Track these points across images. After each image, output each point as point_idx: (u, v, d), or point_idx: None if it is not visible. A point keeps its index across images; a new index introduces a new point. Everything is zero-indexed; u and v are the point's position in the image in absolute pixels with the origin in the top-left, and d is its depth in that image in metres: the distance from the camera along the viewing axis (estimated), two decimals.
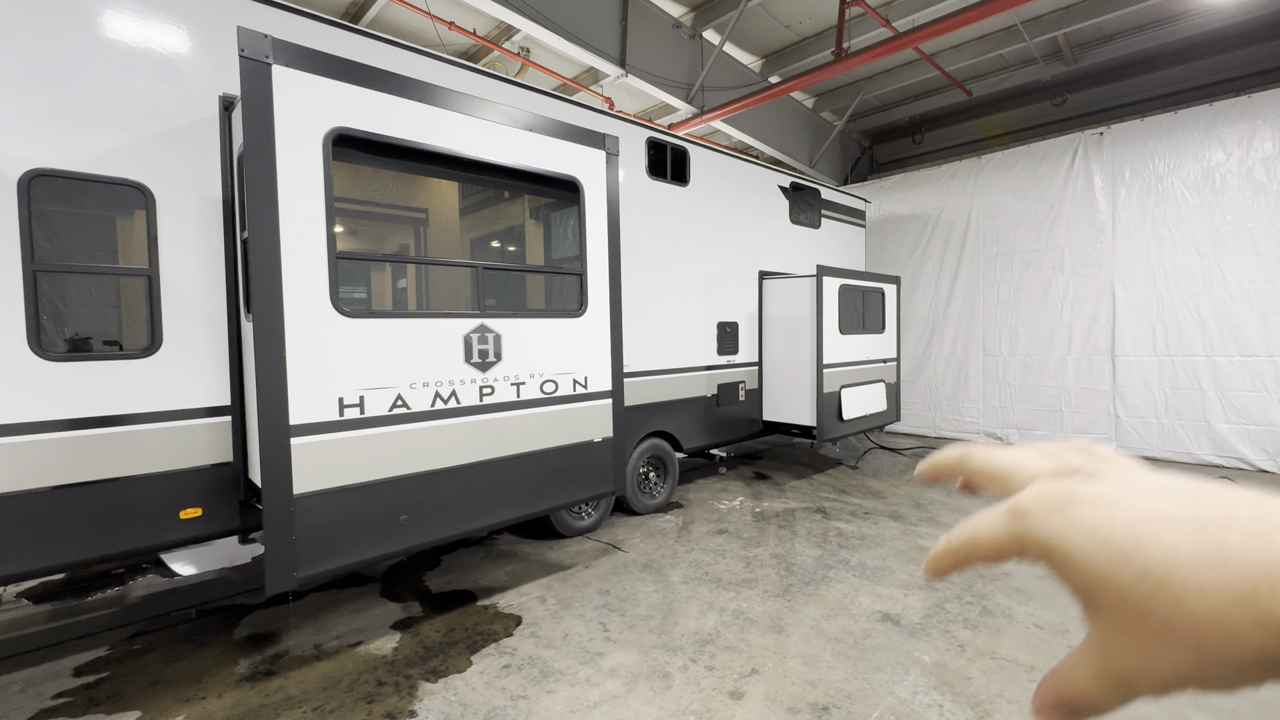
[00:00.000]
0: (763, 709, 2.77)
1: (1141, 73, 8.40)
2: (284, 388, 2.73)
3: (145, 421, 3.09)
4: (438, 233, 6.23)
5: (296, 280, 2.76)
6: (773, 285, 7.05)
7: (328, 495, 2.87)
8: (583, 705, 2.83)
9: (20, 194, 2.77)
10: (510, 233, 5.74)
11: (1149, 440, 7.60)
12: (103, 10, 2.96)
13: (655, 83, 7.25)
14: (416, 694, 2.95)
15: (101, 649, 3.46)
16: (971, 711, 2.73)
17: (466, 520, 3.42)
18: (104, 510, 2.97)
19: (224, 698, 2.96)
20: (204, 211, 3.27)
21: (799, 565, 4.45)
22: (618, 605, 3.85)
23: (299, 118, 2.76)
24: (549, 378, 3.79)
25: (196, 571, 4.54)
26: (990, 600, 3.83)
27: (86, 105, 2.93)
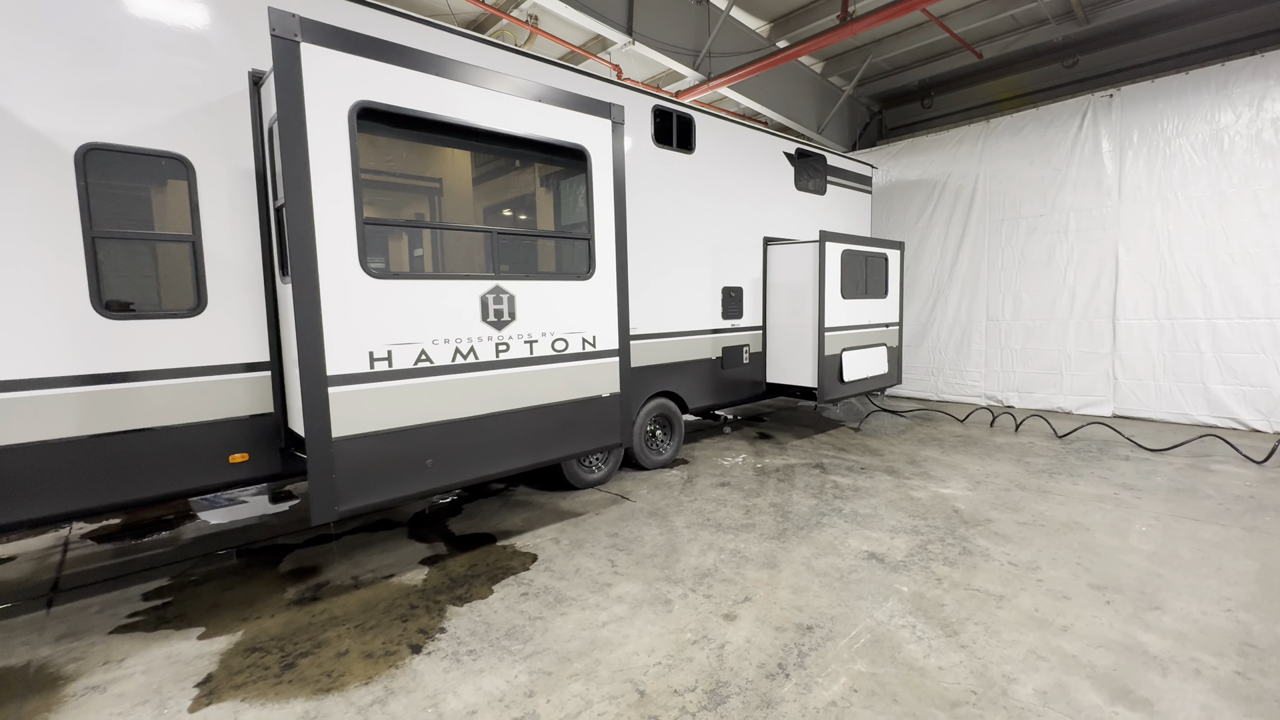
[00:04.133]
0: (752, 628, 3.10)
1: (1155, 32, 8.27)
2: (320, 342, 3.02)
3: (196, 375, 3.41)
4: (451, 200, 6.45)
5: (329, 245, 3.02)
6: (777, 251, 7.22)
7: (362, 439, 3.19)
8: (592, 624, 3.18)
9: (77, 166, 3.04)
10: (520, 200, 5.94)
11: (1146, 402, 7.77)
12: None
13: (662, 49, 7.30)
14: (445, 615, 3.31)
15: (163, 579, 3.87)
16: (940, 630, 3.04)
17: (486, 465, 3.75)
18: (165, 454, 3.32)
19: (276, 617, 3.34)
20: (238, 181, 3.52)
21: (795, 513, 4.76)
22: (625, 546, 4.19)
23: (326, 92, 2.98)
24: (559, 336, 4.06)
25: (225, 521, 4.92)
26: (970, 543, 4.12)
27: (131, 82, 3.17)
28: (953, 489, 5.27)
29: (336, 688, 2.70)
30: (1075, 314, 8.31)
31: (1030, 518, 4.56)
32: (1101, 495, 5.03)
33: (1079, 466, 5.89)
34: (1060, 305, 8.43)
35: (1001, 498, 5.02)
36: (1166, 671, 2.68)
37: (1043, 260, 8.59)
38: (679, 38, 7.53)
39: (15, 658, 3.01)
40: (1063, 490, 5.19)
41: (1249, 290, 7.02)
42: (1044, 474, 5.67)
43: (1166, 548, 3.99)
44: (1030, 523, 4.46)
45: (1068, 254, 8.36)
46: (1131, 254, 7.84)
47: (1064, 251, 8.39)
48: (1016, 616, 3.16)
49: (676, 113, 6.03)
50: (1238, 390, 7.13)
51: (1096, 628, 3.04)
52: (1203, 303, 7.32)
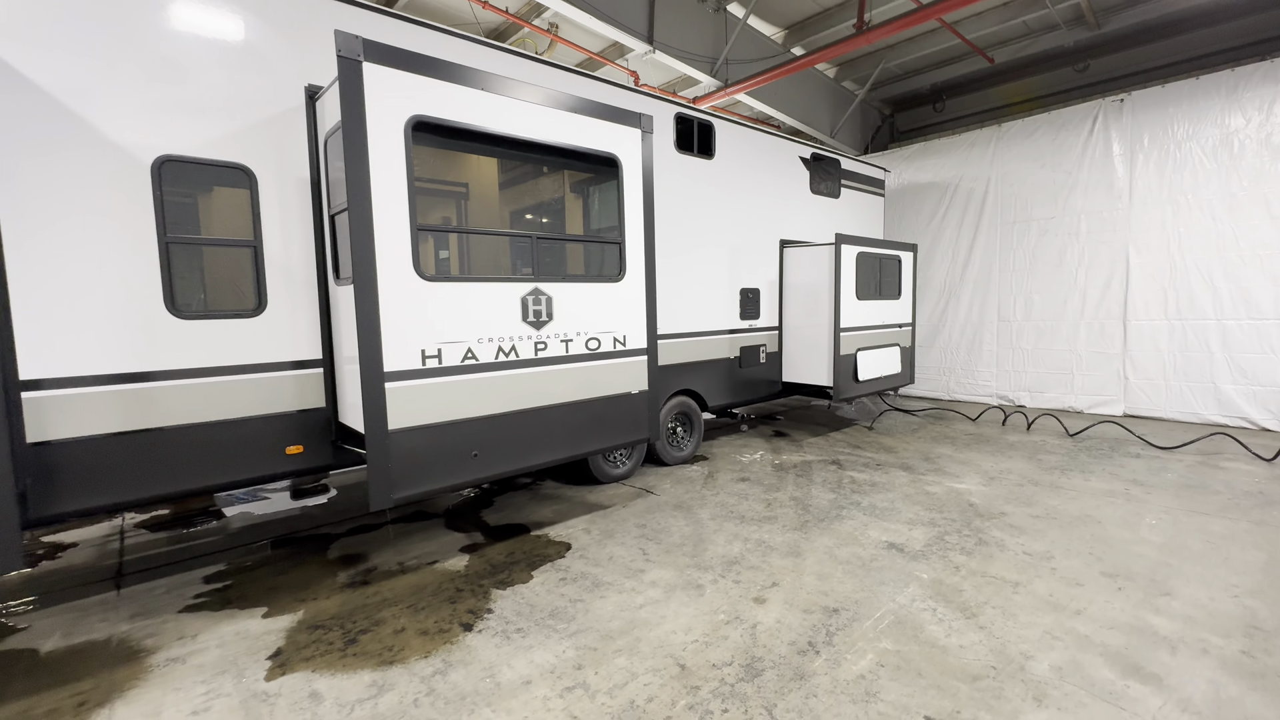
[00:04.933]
0: (781, 610, 3.29)
1: (1165, 37, 8.39)
2: (379, 340, 3.24)
3: (257, 371, 3.64)
4: (476, 205, 6.68)
5: (386, 249, 3.24)
6: (793, 253, 7.40)
7: (415, 431, 3.41)
8: (630, 606, 3.38)
9: (153, 176, 3.27)
10: (546, 205, 6.16)
11: (1156, 402, 7.90)
12: (211, 14, 3.40)
13: (681, 57, 7.51)
14: (490, 597, 3.52)
15: (220, 565, 4.10)
16: (960, 613, 3.22)
17: (525, 457, 3.96)
18: (230, 445, 3.55)
19: (332, 599, 3.56)
20: (295, 189, 3.75)
21: (815, 506, 4.94)
22: (654, 536, 4.39)
23: (385, 107, 3.20)
24: (592, 335, 4.26)
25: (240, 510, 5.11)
26: (986, 534, 4.29)
27: (201, 98, 3.41)
28: (967, 484, 5.43)
29: (399, 660, 2.91)
30: (1086, 315, 8.44)
31: (1043, 511, 4.72)
32: (1113, 490, 5.18)
33: (1090, 463, 6.04)
34: (1071, 306, 8.56)
35: (1015, 493, 5.18)
36: (1175, 650, 2.85)
37: (1054, 262, 8.72)
38: (697, 45, 7.73)
39: (96, 633, 3.24)
40: (1075, 486, 5.35)
41: (1259, 291, 7.14)
42: (1056, 470, 5.82)
43: (1176, 539, 4.14)
44: (1044, 516, 4.62)
45: (1079, 256, 8.49)
46: (1142, 256, 7.97)
47: (1075, 253, 8.52)
48: (1032, 601, 3.34)
49: (697, 119, 6.23)
50: (1248, 390, 7.24)
51: (1109, 611, 3.21)
52: (1213, 304, 7.44)
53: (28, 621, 3.41)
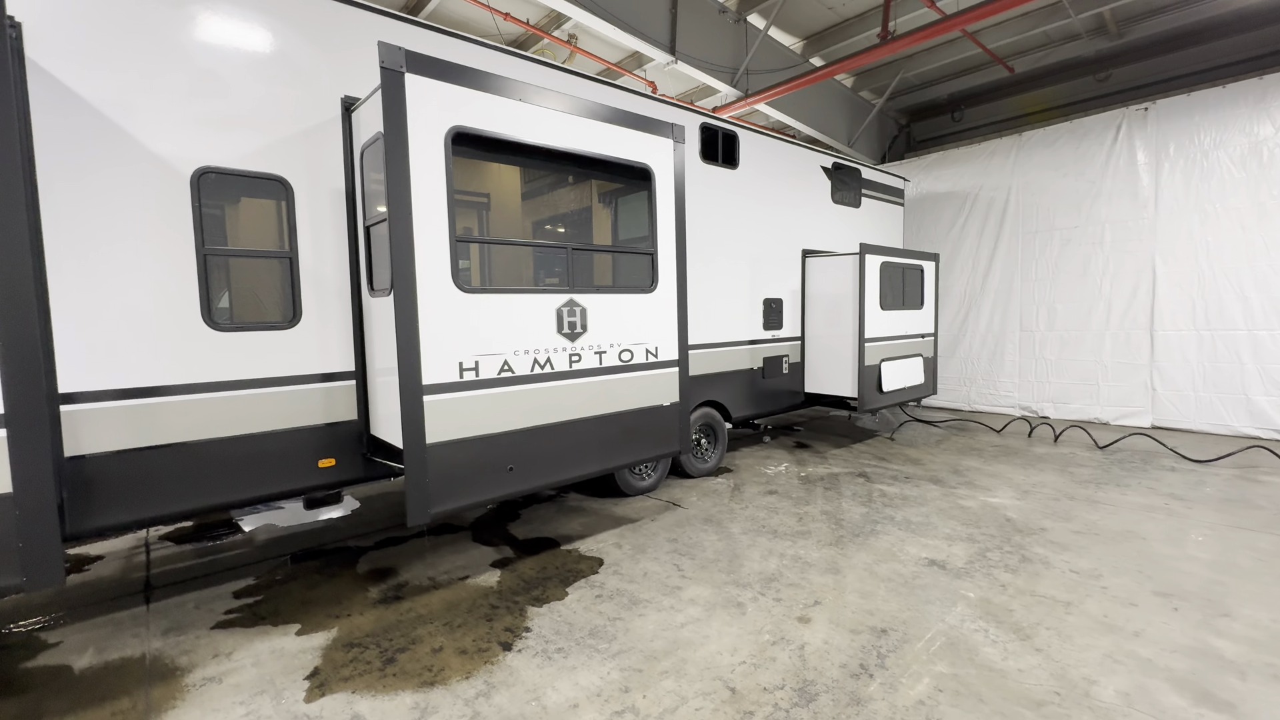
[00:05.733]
0: (828, 630, 3.21)
1: (1188, 46, 8.33)
2: (417, 353, 3.20)
3: (291, 384, 3.60)
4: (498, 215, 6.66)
5: (426, 261, 3.20)
6: (815, 263, 7.35)
7: (452, 445, 3.36)
8: (671, 625, 3.30)
9: (192, 188, 3.26)
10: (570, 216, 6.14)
11: (1186, 413, 7.77)
12: (250, 28, 3.40)
13: (702, 68, 7.51)
14: (526, 615, 3.45)
15: (249, 579, 4.04)
16: (1014, 635, 3.12)
17: (560, 471, 3.90)
18: (264, 457, 3.51)
19: (366, 615, 3.50)
20: (330, 201, 3.73)
21: (847, 520, 4.85)
22: (686, 551, 4.31)
23: (426, 119, 3.18)
24: (625, 347, 4.21)
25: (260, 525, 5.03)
26: (1028, 550, 4.19)
27: (240, 110, 3.40)
28: (1001, 498, 5.33)
29: (439, 681, 2.84)
30: (1112, 325, 8.33)
31: (1083, 527, 4.61)
32: (1152, 505, 5.07)
33: (1124, 477, 5.92)
34: (1096, 316, 8.46)
35: (1051, 507, 5.07)
36: (1245, 675, 2.74)
37: (1078, 271, 8.63)
38: (718, 56, 7.73)
39: (130, 649, 3.18)
40: (1111, 500, 5.24)
41: None
42: (1090, 484, 5.71)
43: (1225, 556, 4.03)
44: (1084, 532, 4.52)
45: (1103, 265, 8.40)
46: (1169, 265, 7.87)
47: (1099, 263, 8.43)
48: (1086, 622, 3.24)
49: (722, 130, 6.20)
50: None
51: (1168, 633, 3.10)
52: (1243, 314, 7.33)
53: (59, 636, 3.36)
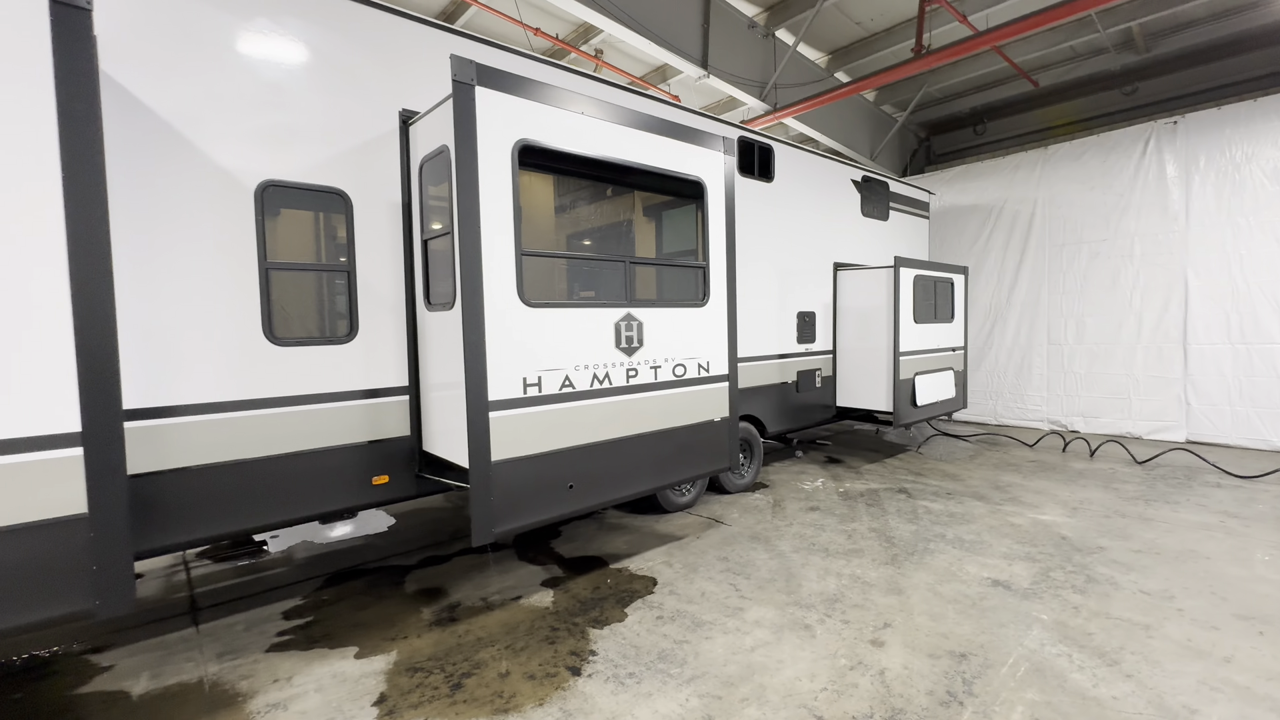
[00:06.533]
0: (905, 655, 3.11)
1: (1217, 60, 8.34)
2: (484, 368, 3.14)
3: (347, 399, 3.54)
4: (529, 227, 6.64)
5: (493, 275, 3.16)
6: (847, 276, 7.31)
7: (516, 463, 3.29)
8: (741, 649, 3.20)
9: (256, 202, 3.22)
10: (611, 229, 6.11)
11: (1222, 428, 7.67)
12: (313, 41, 3.38)
13: (733, 82, 7.52)
14: (589, 637, 3.36)
15: (295, 599, 3.96)
16: (1099, 660, 3.02)
17: (617, 489, 3.82)
18: (319, 474, 3.44)
19: (423, 638, 3.41)
20: (388, 214, 3.70)
21: (898, 538, 4.76)
22: (740, 569, 4.22)
23: (494, 132, 3.15)
24: (679, 362, 4.15)
25: (286, 547, 4.92)
26: (1092, 570, 4.09)
27: (302, 123, 3.37)
28: (1051, 515, 5.23)
29: (512, 708, 2.74)
30: (1143, 338, 8.26)
31: (1143, 545, 4.51)
32: (1207, 523, 4.96)
33: (1171, 494, 5.82)
34: (1127, 329, 8.39)
35: (1105, 525, 4.97)
36: None
37: (1107, 284, 8.58)
38: (747, 70, 7.76)
39: (186, 674, 3.09)
40: (1164, 518, 5.13)
41: None
42: (1139, 501, 5.61)
43: None
44: (1145, 550, 4.41)
45: (1133, 278, 8.34)
46: (1201, 278, 7.81)
47: (1129, 276, 8.38)
48: (1171, 647, 3.14)
49: (758, 143, 6.19)
50: None
51: (1259, 659, 3.00)
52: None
53: (109, 660, 3.27)
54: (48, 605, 2.30)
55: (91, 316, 2.34)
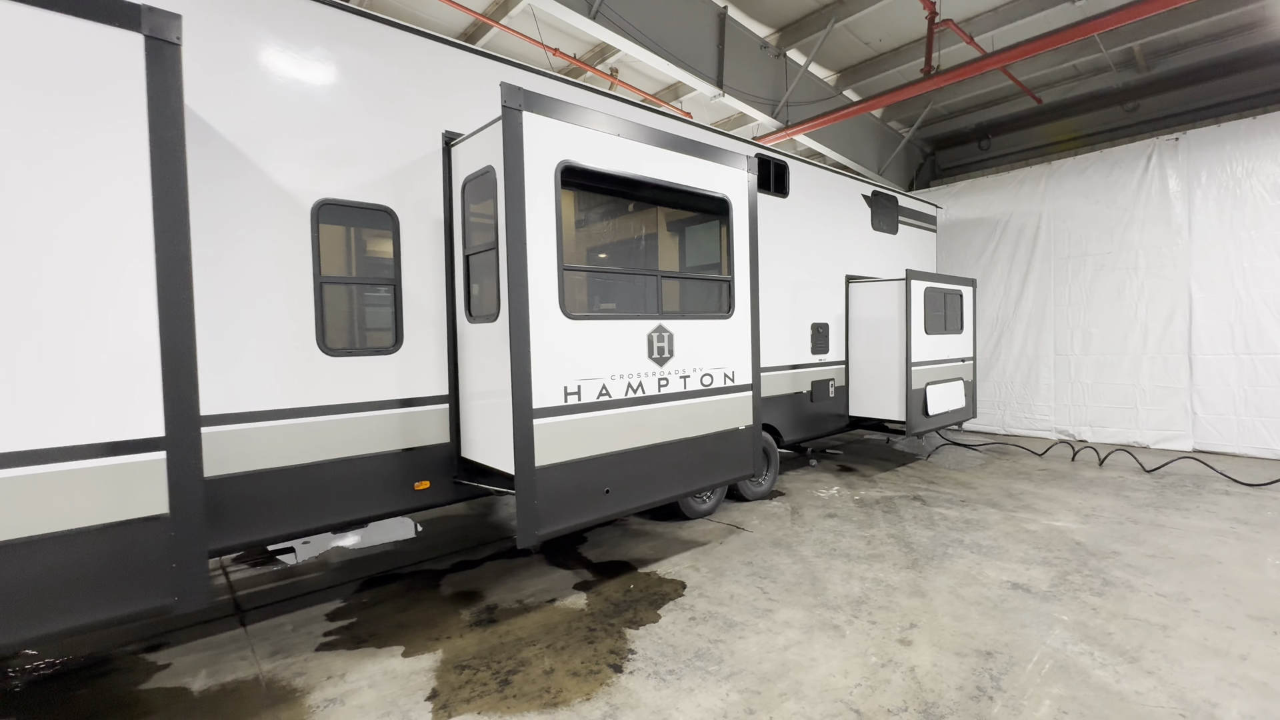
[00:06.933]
0: (933, 653, 3.23)
1: (1216, 78, 8.58)
2: (529, 377, 3.29)
3: (392, 407, 3.70)
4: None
5: (537, 289, 3.32)
6: (860, 288, 7.48)
7: (558, 468, 3.43)
8: (775, 648, 3.33)
9: (312, 219, 3.39)
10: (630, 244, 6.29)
11: (1228, 437, 7.80)
12: (365, 68, 3.58)
13: (747, 100, 7.75)
14: (626, 637, 3.48)
15: (336, 601, 4.08)
16: (1120, 658, 3.14)
17: (650, 494, 3.96)
18: (367, 479, 3.58)
19: (465, 638, 3.53)
20: (431, 230, 3.87)
21: (917, 544, 4.88)
22: (765, 574, 4.34)
23: (540, 154, 3.33)
24: (706, 371, 4.31)
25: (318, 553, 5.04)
26: (1108, 574, 4.21)
27: (354, 145, 3.56)
28: (1064, 522, 5.35)
29: (561, 703, 2.87)
30: (1149, 349, 8.41)
31: (1155, 550, 4.64)
32: (1218, 530, 5.09)
33: (1181, 501, 5.95)
34: (1132, 340, 8.54)
35: (1117, 531, 5.10)
36: None
37: (1112, 296, 8.75)
38: (760, 89, 7.99)
39: (241, 672, 3.22)
40: (1175, 524, 5.26)
41: None
42: (1149, 508, 5.73)
43: None
44: (1158, 555, 4.54)
45: (1138, 290, 8.52)
46: (1205, 290, 7.98)
47: (1134, 288, 8.55)
48: (1189, 645, 3.26)
49: (773, 161, 6.39)
50: None
51: (1275, 657, 3.12)
52: None
53: (164, 658, 3.39)
54: (132, 600, 2.44)
55: (175, 327, 2.50)
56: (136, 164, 2.42)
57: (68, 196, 2.29)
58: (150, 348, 2.45)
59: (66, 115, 2.29)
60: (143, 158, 2.43)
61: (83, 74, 2.31)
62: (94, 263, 2.34)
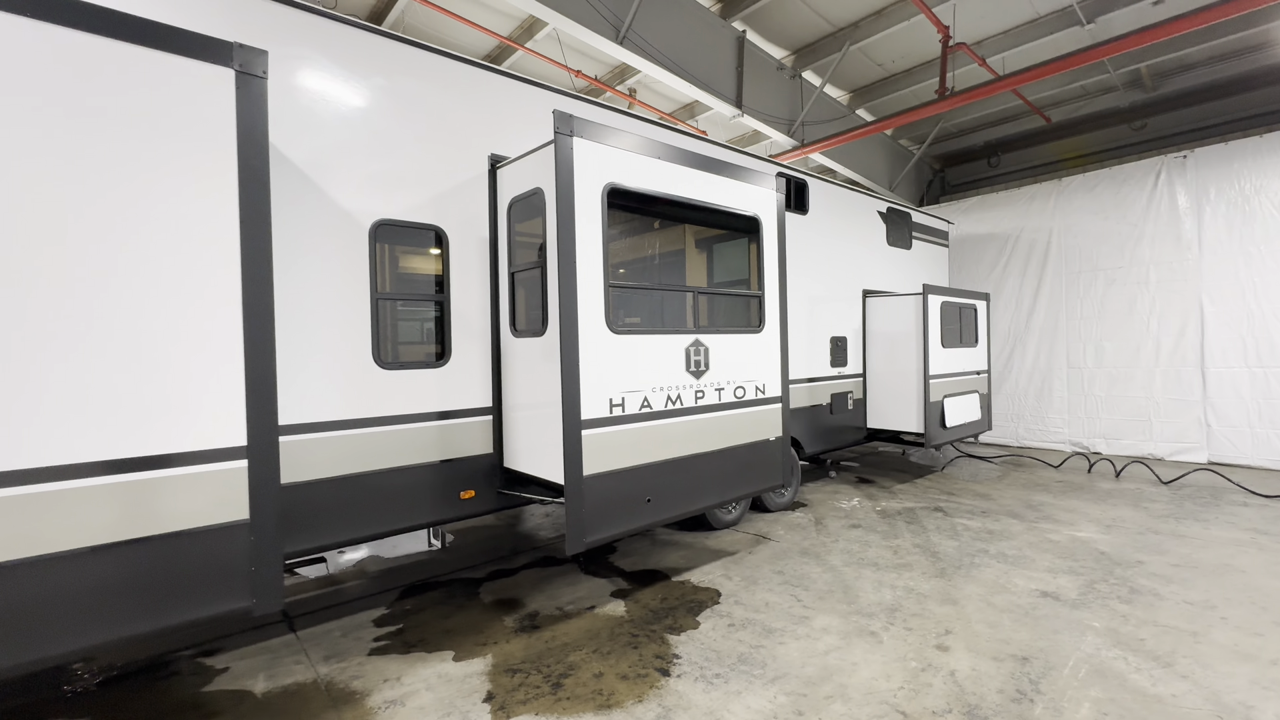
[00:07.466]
0: (971, 658, 3.32)
1: (1222, 97, 8.77)
2: (578, 390, 3.43)
3: (440, 419, 3.83)
4: None
5: (586, 304, 3.47)
6: (876, 302, 7.63)
7: (604, 477, 3.56)
8: (816, 653, 3.42)
9: (370, 238, 3.56)
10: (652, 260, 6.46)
11: (1243, 449, 7.88)
12: (419, 95, 3.77)
13: (765, 120, 7.96)
14: (668, 643, 3.58)
15: (380, 609, 4.19)
16: (1154, 662, 3.23)
17: (689, 503, 4.08)
18: (416, 489, 3.71)
19: (512, 643, 3.63)
20: (477, 249, 4.04)
21: (943, 554, 4.97)
22: (797, 582, 4.44)
23: (588, 177, 3.49)
24: (739, 384, 4.44)
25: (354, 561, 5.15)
26: (1134, 583, 4.30)
27: (407, 168, 3.73)
28: (1086, 533, 5.44)
29: (615, 705, 2.97)
30: (1161, 362, 8.52)
31: (1179, 560, 4.72)
32: (1239, 540, 5.17)
33: (1200, 512, 6.03)
34: (1145, 353, 8.66)
35: (1139, 541, 5.18)
36: None
37: (1124, 310, 8.88)
38: (776, 108, 8.20)
39: (299, 675, 3.32)
40: (1196, 534, 5.34)
41: None
42: (1169, 518, 5.82)
43: None
44: (1182, 564, 4.62)
45: (1149, 304, 8.65)
46: (1217, 304, 8.11)
47: (1145, 302, 8.68)
48: (1219, 651, 3.35)
49: (794, 178, 6.57)
50: None
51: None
52: None
53: (221, 662, 3.50)
54: (214, 602, 2.56)
55: (257, 341, 2.65)
56: (227, 190, 2.58)
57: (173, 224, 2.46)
58: (235, 359, 2.60)
59: (167, 146, 2.46)
60: (232, 184, 2.60)
61: (181, 107, 2.49)
62: (193, 280, 2.49)
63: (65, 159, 2.27)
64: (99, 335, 2.32)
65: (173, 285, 2.46)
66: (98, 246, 2.32)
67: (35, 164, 2.22)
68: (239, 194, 2.61)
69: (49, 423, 2.23)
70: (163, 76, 2.45)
